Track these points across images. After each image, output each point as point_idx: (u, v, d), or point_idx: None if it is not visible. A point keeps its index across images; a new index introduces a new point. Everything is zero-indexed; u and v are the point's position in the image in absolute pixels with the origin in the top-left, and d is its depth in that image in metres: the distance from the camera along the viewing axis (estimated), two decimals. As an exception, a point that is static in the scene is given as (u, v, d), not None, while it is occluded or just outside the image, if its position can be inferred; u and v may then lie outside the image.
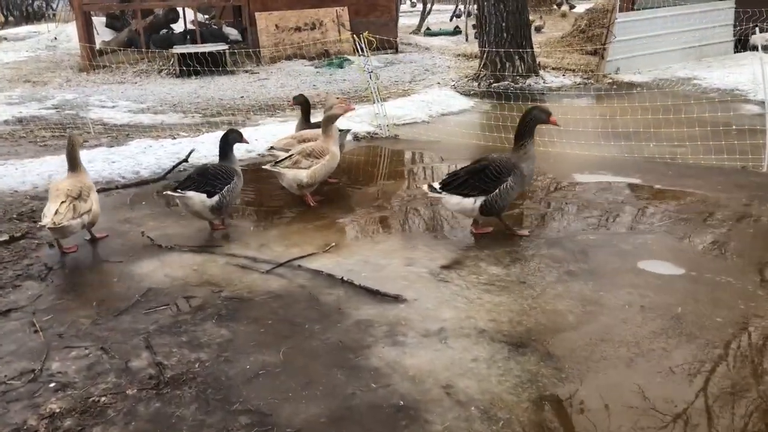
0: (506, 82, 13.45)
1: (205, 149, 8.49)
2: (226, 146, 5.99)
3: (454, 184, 5.47)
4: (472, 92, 13.15)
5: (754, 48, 16.88)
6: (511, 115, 9.34)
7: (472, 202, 5.42)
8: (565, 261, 5.05)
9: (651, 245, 5.25)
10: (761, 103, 10.46)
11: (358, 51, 9.92)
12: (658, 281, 4.66)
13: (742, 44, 16.41)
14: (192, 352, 3.95)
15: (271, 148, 7.33)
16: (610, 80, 13.75)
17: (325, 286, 4.79)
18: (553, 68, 15.05)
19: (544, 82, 13.61)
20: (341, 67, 16.92)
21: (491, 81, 13.53)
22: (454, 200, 5.49)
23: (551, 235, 5.60)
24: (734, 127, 9.02)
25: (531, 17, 16.92)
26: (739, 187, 6.60)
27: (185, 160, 7.83)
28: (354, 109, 7.32)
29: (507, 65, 13.63)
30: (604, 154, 8.06)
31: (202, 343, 4.05)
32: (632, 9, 15.01)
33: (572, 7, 28.79)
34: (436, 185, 5.54)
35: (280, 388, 3.57)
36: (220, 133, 6.92)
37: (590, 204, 6.28)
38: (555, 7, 28.92)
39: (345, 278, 4.84)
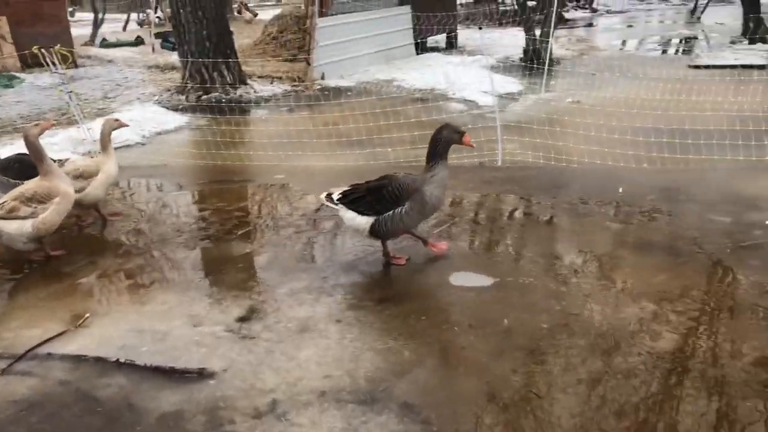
0: (216, 94, 12.64)
1: None
2: None
3: (351, 197, 4.88)
4: (181, 107, 12.09)
5: (433, 49, 18.62)
6: (230, 130, 8.71)
7: (365, 222, 4.85)
8: (377, 287, 4.64)
9: (449, 256, 5.11)
10: (463, 101, 11.44)
11: (48, 66, 8.28)
12: (471, 295, 4.51)
13: (421, 46, 17.88)
14: None
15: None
16: (319, 86, 13.81)
17: (96, 375, 3.67)
18: (260, 77, 14.63)
19: (255, 92, 13.11)
20: (10, 87, 14.32)
21: (200, 94, 12.59)
22: (348, 215, 4.93)
23: (348, 258, 5.14)
24: (469, 126, 9.48)
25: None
26: (487, 182, 6.91)
27: None
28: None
29: (214, 76, 12.82)
30: (349, 163, 7.88)
31: None
32: (326, 14, 15.31)
33: (255, 14, 28.69)
34: (336, 195, 4.92)
35: None
36: None
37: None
38: (237, 14, 28.51)
39: (122, 359, 3.77)
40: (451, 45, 19.42)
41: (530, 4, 17.63)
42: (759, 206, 5.80)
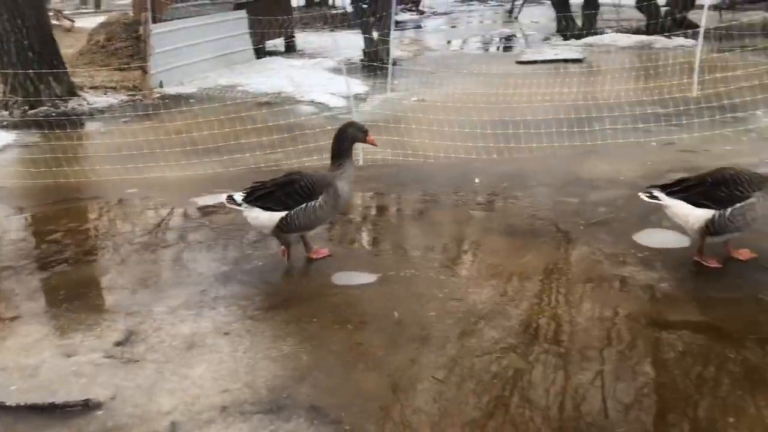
0: (45, 108, 11.65)
1: None
2: None
3: (256, 194, 4.73)
4: (5, 123, 11.00)
5: (273, 53, 18.44)
6: (68, 145, 8.11)
7: (270, 217, 4.74)
8: (261, 295, 4.54)
9: (328, 258, 5.11)
10: (313, 103, 11.47)
11: None
12: (357, 292, 4.55)
13: (261, 51, 17.65)
14: None
15: None
16: (159, 95, 13.19)
17: (-40, 425, 3.27)
18: (91, 88, 13.68)
19: (88, 104, 12.25)
20: None
21: (26, 108, 11.54)
22: (252, 214, 4.81)
23: (223, 269, 4.96)
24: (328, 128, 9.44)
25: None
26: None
27: None
28: None
29: (41, 88, 11.80)
30: (207, 171, 7.62)
31: None
32: (161, 20, 14.64)
33: (72, 22, 26.72)
34: (238, 196, 4.75)
35: None
36: None
37: (229, 228, 5.81)
38: (54, 22, 26.38)
39: (-10, 403, 3.40)
40: (291, 48, 19.37)
41: (363, 6, 18.03)
42: (599, 186, 6.38)
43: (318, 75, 13.98)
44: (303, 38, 20.67)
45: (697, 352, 3.65)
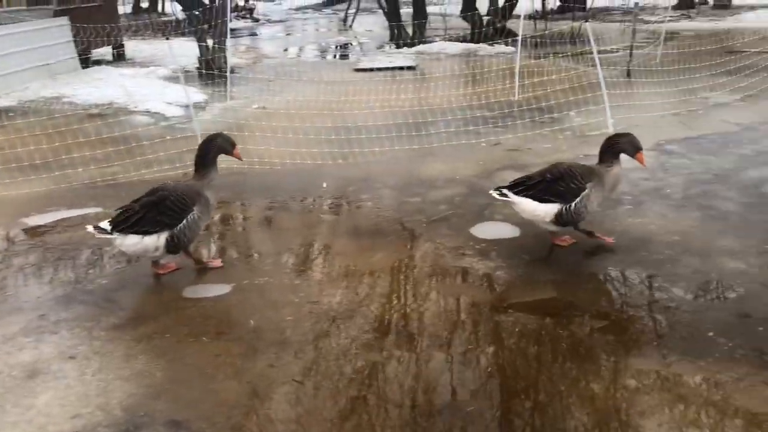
0: None
1: None
2: None
3: (130, 221, 4.51)
4: None
5: (100, 62, 17.42)
6: None
7: (155, 240, 4.57)
8: (107, 315, 4.34)
9: (183, 271, 4.99)
10: (148, 113, 11.02)
11: None
12: (212, 304, 4.50)
13: (87, 60, 16.62)
14: None
15: None
16: (-30, 108, 11.98)
17: None
18: None
19: None
20: None
21: None
22: (130, 241, 4.61)
23: (63, 291, 4.67)
24: (167, 137, 9.08)
25: None
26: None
27: None
28: None
29: None
30: (39, 189, 7.08)
31: None
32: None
33: None
34: (106, 225, 4.53)
35: None
36: None
37: (66, 248, 5.48)
38: None
39: None
40: (120, 57, 18.42)
41: (195, 14, 17.56)
42: (438, 185, 6.77)
43: (152, 84, 13.43)
44: (133, 46, 19.74)
45: (531, 331, 4.03)
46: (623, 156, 5.00)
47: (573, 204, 4.83)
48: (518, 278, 4.71)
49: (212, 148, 4.88)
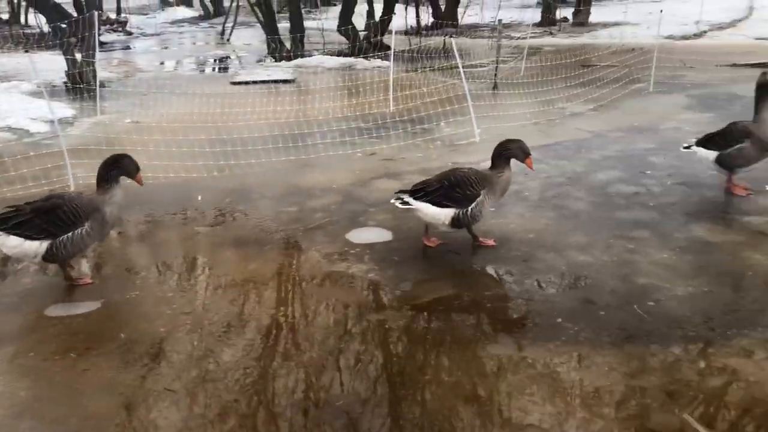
0: None
1: None
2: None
3: (14, 221, 4.48)
4: None
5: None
6: None
7: (37, 246, 4.58)
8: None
9: (38, 290, 4.83)
10: (9, 129, 10.44)
11: None
12: (79, 320, 4.40)
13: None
14: None
15: None
16: None
17: None
18: None
19: None
20: None
21: None
22: (11, 242, 4.56)
23: None
24: (31, 154, 8.60)
25: None
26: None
27: None
28: None
29: None
30: None
31: None
32: None
33: None
34: None
35: None
36: None
37: None
38: None
39: None
40: (-24, 71, 17.25)
41: (62, 26, 16.79)
42: (315, 194, 6.92)
43: (14, 99, 12.71)
44: (-10, 59, 18.58)
45: (400, 327, 4.26)
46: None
47: (469, 209, 5.16)
48: (390, 279, 4.94)
49: (117, 167, 4.88)
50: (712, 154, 6.27)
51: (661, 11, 14.07)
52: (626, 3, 27.11)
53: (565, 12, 27.22)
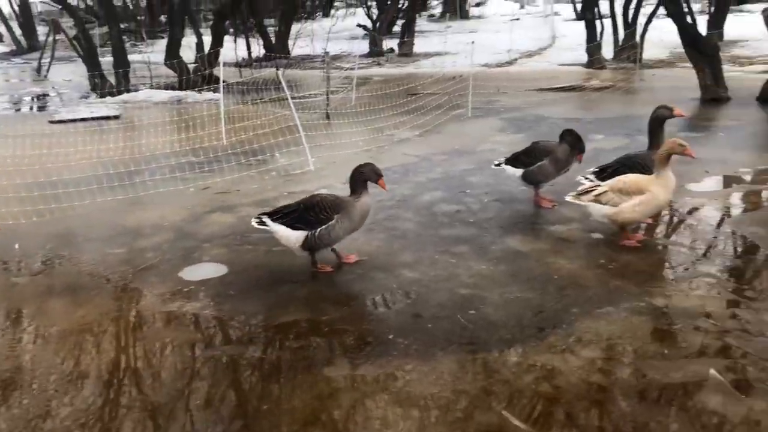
0: None
1: None
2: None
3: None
4: None
5: None
6: None
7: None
8: None
9: None
10: None
11: None
12: None
13: None
14: None
15: None
16: None
17: None
18: None
19: None
20: None
21: None
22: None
23: None
24: None
25: None
26: None
27: None
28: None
29: None
30: None
31: None
32: None
33: None
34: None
35: None
36: None
37: None
38: None
39: None
40: None
41: None
42: (145, 233, 6.73)
43: None
44: None
45: (236, 360, 4.28)
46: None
47: (318, 231, 5.39)
48: (226, 313, 4.94)
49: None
50: (518, 171, 6.96)
51: (473, 42, 15.23)
52: (445, 34, 28.92)
53: (391, 43, 28.51)
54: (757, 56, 22.01)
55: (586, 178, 6.44)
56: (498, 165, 7.21)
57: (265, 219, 5.54)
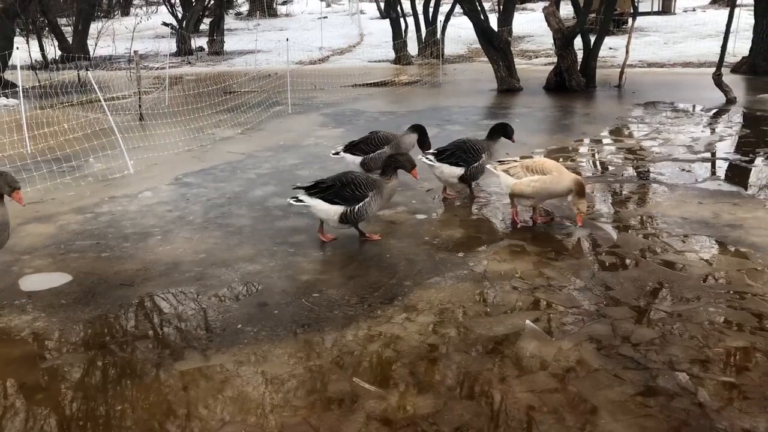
0: None
1: None
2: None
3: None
4: None
5: None
6: None
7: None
8: None
9: None
10: None
11: None
12: None
13: None
14: None
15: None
16: None
17: None
18: None
19: None
20: None
21: None
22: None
23: None
24: None
25: None
26: None
27: None
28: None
29: None
30: None
31: None
32: None
33: None
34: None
35: None
36: None
37: None
38: None
39: None
40: None
41: None
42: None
43: None
44: None
45: (81, 367, 4.17)
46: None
47: (356, 207, 5.78)
48: (58, 322, 4.74)
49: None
50: (357, 159, 7.40)
51: (288, 39, 15.46)
52: (255, 32, 28.81)
53: (200, 41, 27.83)
54: (542, 50, 24.55)
55: (428, 159, 7.00)
56: (336, 154, 7.61)
57: (302, 196, 5.86)
